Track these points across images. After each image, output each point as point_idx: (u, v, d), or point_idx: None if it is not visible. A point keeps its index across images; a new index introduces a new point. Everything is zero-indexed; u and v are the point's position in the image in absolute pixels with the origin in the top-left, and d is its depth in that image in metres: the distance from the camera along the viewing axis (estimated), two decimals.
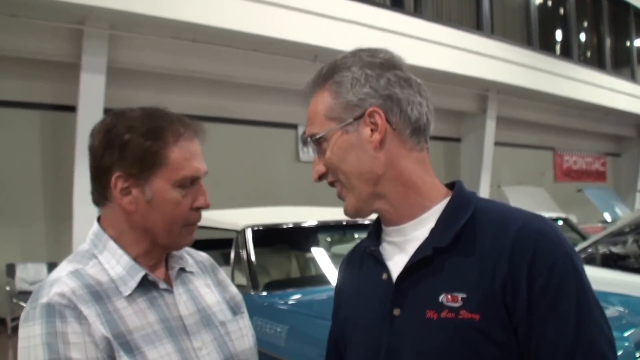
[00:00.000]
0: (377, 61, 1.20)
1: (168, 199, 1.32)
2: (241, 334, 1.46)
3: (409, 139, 1.19)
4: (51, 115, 8.24)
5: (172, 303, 1.35)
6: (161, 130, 1.32)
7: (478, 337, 1.07)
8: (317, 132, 1.21)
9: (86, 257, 1.34)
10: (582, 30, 16.21)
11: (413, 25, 10.36)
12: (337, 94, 1.19)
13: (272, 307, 3.67)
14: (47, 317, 1.19)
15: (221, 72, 9.16)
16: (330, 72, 1.21)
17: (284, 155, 10.84)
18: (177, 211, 1.33)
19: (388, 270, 1.20)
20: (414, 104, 1.19)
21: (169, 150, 1.32)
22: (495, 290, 1.07)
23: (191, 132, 1.37)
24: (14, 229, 8.06)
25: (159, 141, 1.31)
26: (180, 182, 1.32)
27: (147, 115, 1.36)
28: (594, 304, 1.09)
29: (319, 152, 1.23)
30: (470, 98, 12.73)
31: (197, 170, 1.35)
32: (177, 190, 1.32)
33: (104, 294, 1.27)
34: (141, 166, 1.31)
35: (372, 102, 1.17)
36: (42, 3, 6.90)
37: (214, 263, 1.59)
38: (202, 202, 1.36)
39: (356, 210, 1.22)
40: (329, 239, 5.17)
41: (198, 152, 1.37)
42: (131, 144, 1.31)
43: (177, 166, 1.32)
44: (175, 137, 1.33)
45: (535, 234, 1.10)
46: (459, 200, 1.19)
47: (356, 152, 1.17)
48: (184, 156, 1.33)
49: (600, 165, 18.16)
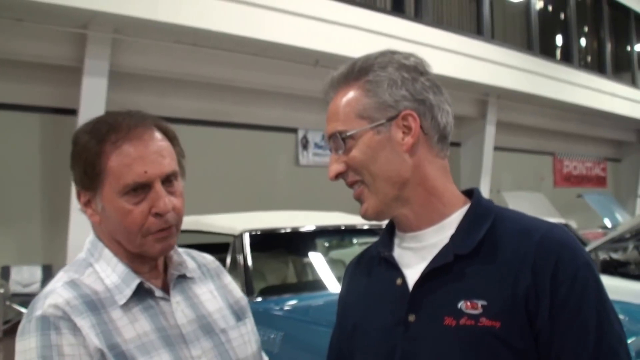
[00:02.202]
0: (411, 64, 1.20)
1: (117, 209, 1.25)
2: (243, 341, 1.41)
3: (436, 145, 1.19)
4: (52, 119, 8.26)
5: (168, 311, 1.31)
6: (101, 138, 1.25)
7: (498, 344, 1.07)
8: (346, 130, 1.17)
9: (83, 266, 1.31)
10: (583, 35, 16.23)
11: (413, 30, 10.37)
12: (371, 93, 1.17)
13: (266, 313, 3.65)
14: (41, 330, 1.17)
15: (222, 76, 9.18)
16: (364, 70, 1.19)
17: (283, 159, 10.85)
18: (130, 220, 1.24)
19: (403, 275, 1.19)
20: (444, 112, 1.20)
21: (106, 158, 1.24)
22: (517, 298, 1.08)
23: (133, 135, 1.26)
24: (9, 231, 8.04)
25: (98, 149, 1.25)
26: (124, 189, 1.23)
27: (96, 122, 1.30)
28: (612, 314, 1.11)
29: (342, 150, 1.18)
30: (470, 103, 12.73)
31: (140, 175, 1.23)
32: (124, 198, 1.24)
33: (99, 304, 1.24)
34: (88, 177, 1.26)
35: (407, 105, 1.16)
36: (46, 7, 6.92)
37: (219, 266, 1.53)
38: (161, 208, 1.25)
39: (378, 213, 1.20)
40: (327, 244, 5.17)
41: (145, 154, 1.25)
42: (78, 155, 1.27)
43: (117, 174, 1.23)
44: (113, 143, 1.24)
45: (558, 243, 1.11)
46: (479, 209, 1.19)
47: (386, 154, 1.16)
48: (124, 162, 1.23)
49: (600, 170, 18.15)
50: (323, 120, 1.16)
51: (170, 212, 1.26)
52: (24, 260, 7.85)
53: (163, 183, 1.26)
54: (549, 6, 15.36)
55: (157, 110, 1.38)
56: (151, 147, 1.26)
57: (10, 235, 8.05)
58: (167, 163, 1.27)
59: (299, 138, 10.98)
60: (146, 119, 1.31)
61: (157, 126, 1.32)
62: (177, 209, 1.28)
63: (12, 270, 7.69)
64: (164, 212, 1.25)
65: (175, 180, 1.30)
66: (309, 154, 11.05)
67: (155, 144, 1.27)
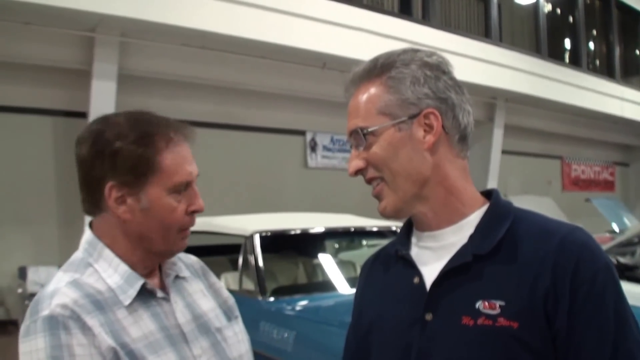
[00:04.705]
0: (434, 62, 1.19)
1: (164, 206, 1.30)
2: (237, 339, 1.44)
3: (456, 145, 1.19)
4: (63, 122, 8.30)
5: (169, 311, 1.33)
6: (152, 136, 1.30)
7: (515, 344, 1.07)
8: (367, 126, 1.17)
9: (82, 265, 1.30)
10: (591, 39, 16.17)
11: (421, 32, 10.38)
12: (394, 89, 1.17)
13: (279, 313, 3.69)
14: (50, 329, 1.16)
15: (230, 79, 9.20)
16: (386, 66, 1.19)
17: (292, 161, 10.86)
18: (174, 217, 1.31)
19: (420, 274, 1.19)
20: (465, 112, 1.20)
21: (161, 156, 1.29)
22: (536, 299, 1.08)
23: (181, 136, 1.34)
24: (26, 233, 8.16)
25: (151, 147, 1.29)
26: (175, 187, 1.30)
27: (135, 120, 1.32)
28: (631, 318, 1.11)
29: (363, 147, 1.19)
30: (477, 106, 12.70)
31: (190, 174, 1.33)
32: (172, 196, 1.30)
33: (105, 303, 1.24)
34: (135, 174, 1.28)
35: (429, 103, 1.16)
36: (54, 11, 6.96)
37: (204, 266, 1.56)
38: (198, 206, 1.35)
39: (396, 211, 1.20)
40: (337, 245, 5.18)
41: (189, 155, 1.35)
42: (122, 152, 1.28)
43: (171, 172, 1.30)
44: (166, 142, 1.31)
45: (578, 245, 1.11)
46: (498, 209, 1.19)
47: (407, 151, 1.16)
48: (177, 161, 1.31)
49: (608, 174, 18.07)
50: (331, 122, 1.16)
51: None
52: (40, 261, 7.90)
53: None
54: (558, 9, 15.32)
55: (166, 113, 1.40)
56: (189, 150, 1.36)
57: (26, 236, 8.15)
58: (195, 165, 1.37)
59: (307, 140, 10.99)
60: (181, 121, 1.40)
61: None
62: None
63: (29, 271, 7.75)
64: (201, 210, 1.35)
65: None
66: (318, 157, 11.05)
67: (189, 149, 1.37)
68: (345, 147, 10.69)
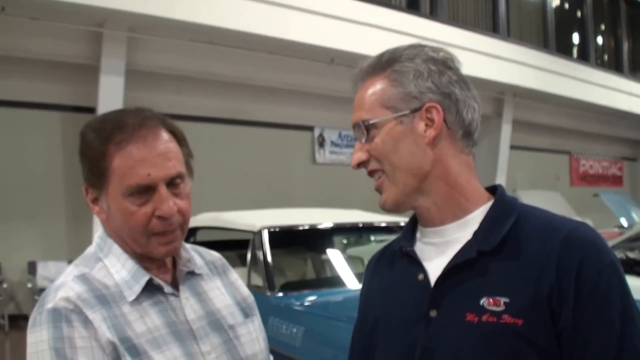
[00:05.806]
0: (440, 58, 1.19)
1: (121, 210, 1.25)
2: (251, 338, 1.42)
3: (460, 141, 1.18)
4: (72, 117, 8.35)
5: (178, 307, 1.31)
6: (105, 137, 1.24)
7: (520, 341, 1.06)
8: (370, 118, 1.17)
9: (92, 260, 1.31)
10: (599, 34, 16.10)
11: (429, 27, 10.36)
12: (397, 83, 1.17)
13: (288, 308, 3.69)
14: (53, 322, 1.18)
15: (238, 74, 9.22)
16: (391, 61, 1.19)
17: (300, 157, 10.88)
18: (133, 221, 1.24)
19: (425, 270, 1.18)
20: (470, 108, 1.19)
21: (109, 158, 1.24)
22: (541, 296, 1.07)
23: (138, 137, 1.24)
24: (35, 228, 8.22)
25: (103, 149, 1.24)
26: (128, 191, 1.23)
27: (101, 121, 1.29)
28: (637, 314, 1.10)
29: (366, 139, 1.19)
30: (486, 101, 12.67)
31: (144, 177, 1.23)
32: (129, 199, 1.24)
33: (110, 298, 1.24)
34: (93, 175, 1.26)
35: (432, 97, 1.15)
36: (63, 6, 7.00)
37: (226, 263, 1.53)
38: (164, 211, 1.24)
39: (396, 204, 1.19)
40: (345, 240, 5.18)
41: (149, 156, 1.24)
42: (83, 153, 1.27)
43: (120, 175, 1.23)
44: (117, 144, 1.23)
45: (583, 241, 1.10)
46: (503, 205, 1.18)
47: (408, 145, 1.16)
48: (127, 164, 1.23)
49: (616, 169, 18.01)
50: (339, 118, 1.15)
51: (175, 215, 1.26)
52: (49, 256, 7.98)
53: (168, 185, 1.25)
54: (566, 4, 15.26)
55: (174, 109, 1.38)
56: (156, 148, 1.25)
57: (35, 231, 8.23)
58: (171, 165, 1.26)
59: (315, 136, 11.00)
60: (153, 118, 1.29)
61: (165, 126, 1.30)
62: (183, 211, 1.28)
63: (38, 266, 7.84)
64: (167, 215, 1.24)
65: (182, 182, 1.28)
66: (326, 152, 11.06)
67: (160, 146, 1.26)
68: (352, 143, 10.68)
